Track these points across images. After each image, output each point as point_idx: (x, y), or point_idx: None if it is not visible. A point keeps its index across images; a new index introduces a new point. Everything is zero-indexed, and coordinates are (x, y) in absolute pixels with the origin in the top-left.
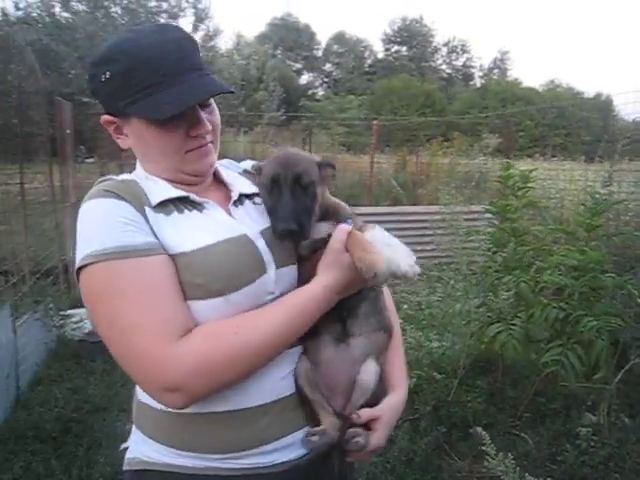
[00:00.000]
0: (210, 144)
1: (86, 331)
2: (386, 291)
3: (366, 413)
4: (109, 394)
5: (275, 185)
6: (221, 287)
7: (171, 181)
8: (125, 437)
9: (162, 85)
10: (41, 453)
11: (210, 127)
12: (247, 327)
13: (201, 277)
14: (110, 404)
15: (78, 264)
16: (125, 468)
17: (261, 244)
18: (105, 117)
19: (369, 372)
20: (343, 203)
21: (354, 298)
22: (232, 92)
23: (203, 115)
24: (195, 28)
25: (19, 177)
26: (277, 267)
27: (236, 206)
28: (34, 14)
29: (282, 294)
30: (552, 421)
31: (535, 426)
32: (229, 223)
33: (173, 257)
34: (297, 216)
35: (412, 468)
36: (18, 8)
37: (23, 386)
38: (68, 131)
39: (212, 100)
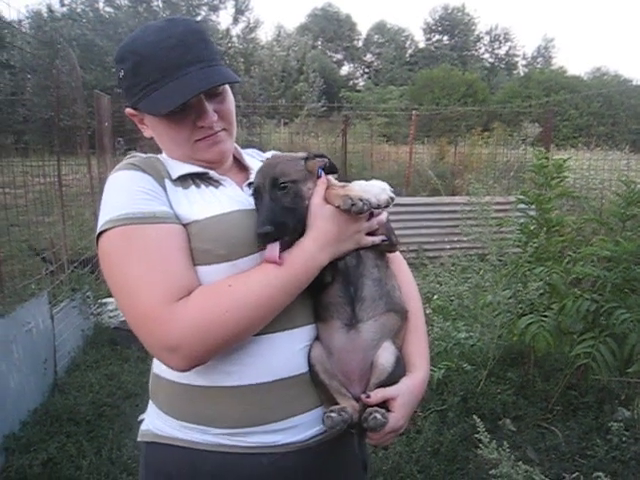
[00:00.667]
0: (222, 132)
1: (122, 319)
2: (406, 273)
3: (378, 394)
4: (142, 381)
5: (257, 194)
6: (227, 253)
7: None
8: (137, 425)
9: (162, 81)
10: (75, 435)
11: (215, 117)
12: (240, 281)
13: (209, 243)
14: (142, 390)
15: (99, 229)
16: (139, 439)
17: None
18: (128, 110)
19: (387, 354)
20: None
21: (356, 270)
22: (236, 82)
23: (211, 105)
24: (235, 20)
25: (58, 169)
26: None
27: (250, 187)
28: (78, 10)
29: None
30: (584, 415)
31: (566, 420)
32: (242, 197)
33: (186, 226)
34: (273, 217)
35: (438, 459)
36: (63, 4)
37: (60, 371)
38: (106, 124)
39: (224, 88)
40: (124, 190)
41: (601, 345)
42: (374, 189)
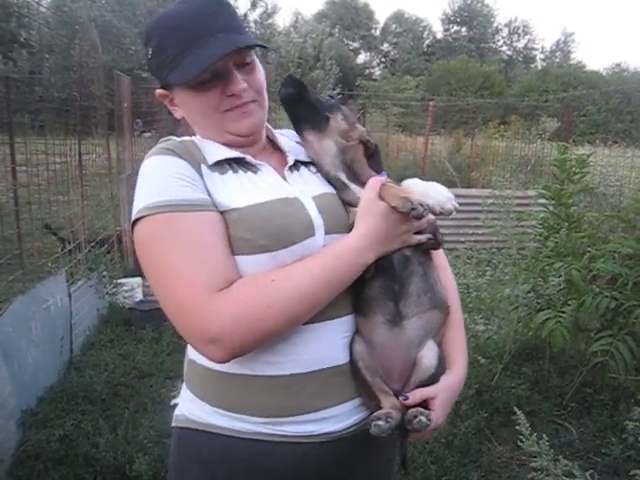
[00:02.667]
0: (252, 104)
1: (137, 299)
2: (445, 264)
3: (417, 394)
4: (156, 361)
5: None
6: (267, 243)
7: (222, 144)
8: (170, 403)
9: (188, 50)
10: (90, 413)
11: (244, 85)
12: (284, 276)
13: (249, 232)
14: (157, 371)
15: (134, 216)
16: (172, 424)
17: (312, 208)
18: (159, 91)
19: (431, 355)
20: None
21: (404, 270)
22: (262, 46)
23: (240, 75)
24: (253, 5)
25: (78, 149)
26: (327, 232)
27: (291, 171)
28: None
29: None
30: (598, 413)
31: (580, 417)
32: (282, 185)
33: (224, 213)
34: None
35: (451, 451)
36: None
37: (76, 349)
38: (126, 105)
39: (253, 58)
40: (160, 176)
41: (619, 343)
42: (438, 196)
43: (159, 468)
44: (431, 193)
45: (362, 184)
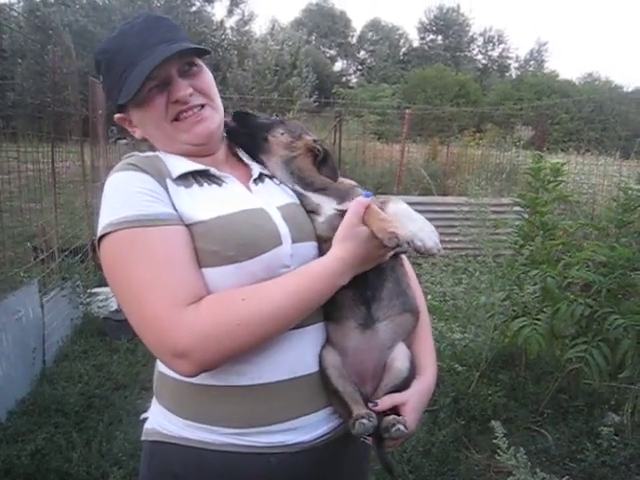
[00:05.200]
0: (204, 110)
1: (112, 309)
2: (410, 271)
3: (386, 401)
4: (131, 372)
5: None
6: (234, 254)
7: (184, 156)
8: (140, 423)
9: (131, 67)
10: (63, 426)
11: (188, 90)
12: (255, 295)
13: (216, 244)
14: (132, 382)
15: (100, 232)
16: (143, 438)
17: (277, 217)
18: (117, 115)
19: (402, 358)
20: (351, 181)
21: (377, 279)
22: (201, 50)
23: (186, 82)
24: (230, 12)
25: (51, 156)
26: (294, 241)
27: (256, 184)
28: None
29: None
30: (574, 419)
31: (556, 423)
32: (247, 197)
33: (190, 226)
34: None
35: (429, 459)
36: None
37: (49, 361)
38: (100, 112)
39: (200, 64)
40: (124, 192)
41: (594, 350)
42: (426, 240)
43: None
44: (419, 234)
45: (317, 190)
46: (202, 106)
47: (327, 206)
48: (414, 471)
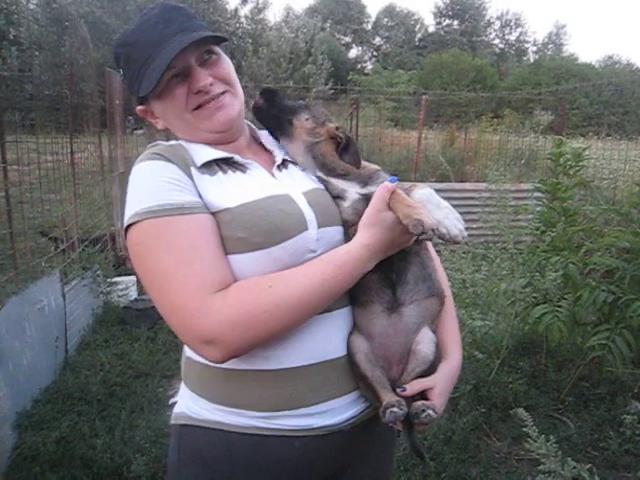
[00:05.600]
0: (224, 96)
1: (131, 298)
2: (435, 256)
3: (415, 386)
4: (152, 360)
5: None
6: (262, 240)
7: (207, 144)
8: (167, 402)
9: (150, 59)
10: (86, 414)
11: (209, 79)
12: (282, 282)
13: (243, 231)
14: (153, 370)
15: (127, 222)
16: (171, 422)
17: (303, 203)
18: (139, 108)
19: (427, 342)
20: (375, 166)
21: (402, 262)
22: (219, 37)
23: (206, 71)
24: (244, 0)
25: (69, 147)
26: (319, 226)
27: (280, 170)
28: None
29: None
30: (596, 407)
31: (578, 411)
32: (272, 183)
33: (216, 214)
34: None
35: (450, 447)
36: None
37: (71, 349)
38: (117, 102)
39: (219, 52)
40: (150, 181)
41: (617, 337)
42: (451, 227)
43: (157, 469)
44: (445, 222)
45: (339, 176)
46: (222, 93)
47: (351, 190)
48: (435, 458)
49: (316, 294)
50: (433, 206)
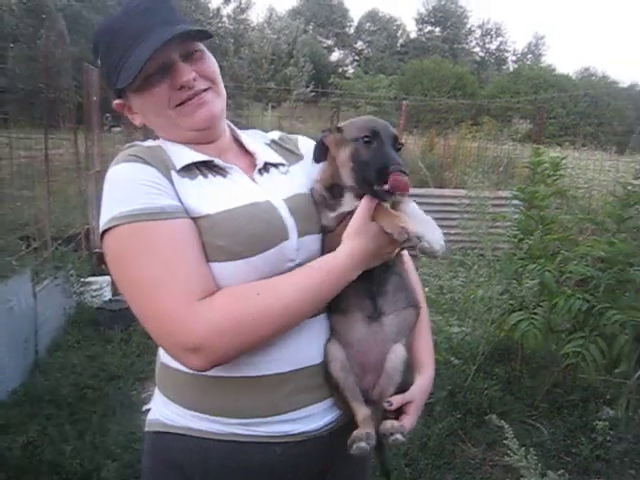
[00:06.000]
0: (206, 93)
1: (105, 299)
2: (411, 266)
3: (398, 399)
4: (125, 363)
5: (376, 137)
6: (242, 249)
7: (187, 144)
8: (140, 406)
9: (130, 49)
10: (56, 418)
11: (192, 74)
12: (269, 290)
13: (223, 239)
14: (126, 373)
15: (103, 227)
16: (146, 429)
17: (284, 211)
18: (116, 102)
19: (396, 358)
20: None
21: (382, 274)
22: (203, 33)
23: (190, 66)
24: (227, 0)
25: (44, 143)
26: (300, 235)
27: (261, 174)
28: None
29: (304, 263)
30: (569, 413)
31: (551, 417)
32: (253, 189)
33: (196, 220)
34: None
35: (425, 452)
36: None
37: (41, 351)
38: (95, 98)
39: (202, 48)
40: (128, 184)
41: (591, 345)
42: (433, 241)
43: (128, 475)
44: (427, 236)
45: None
46: (205, 90)
47: (348, 202)
48: (410, 464)
49: (303, 302)
50: (417, 220)
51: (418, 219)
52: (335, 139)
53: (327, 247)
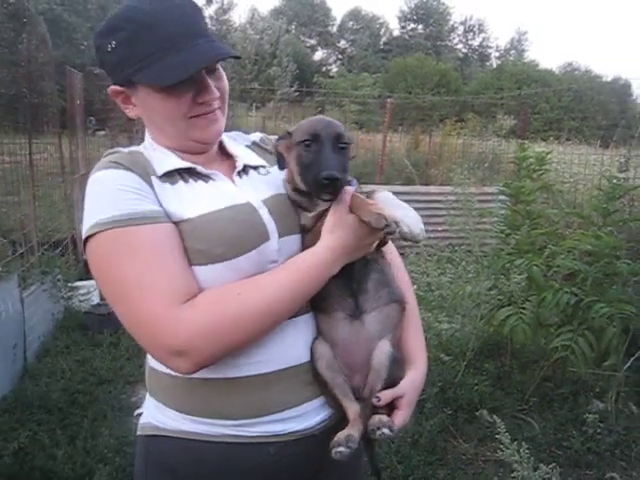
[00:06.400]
0: (218, 111)
1: (93, 303)
2: (399, 262)
3: (387, 395)
4: (115, 367)
5: (316, 140)
6: (222, 252)
7: (178, 150)
8: (131, 409)
9: (169, 51)
10: (47, 423)
11: (217, 94)
12: (250, 289)
13: (203, 242)
14: (116, 377)
15: (86, 234)
16: (138, 433)
17: (264, 212)
18: (113, 87)
19: (381, 354)
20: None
21: (362, 271)
22: (238, 57)
23: (211, 82)
24: (209, 1)
25: (28, 147)
26: (280, 236)
27: (240, 176)
28: None
29: None
30: (559, 406)
31: (542, 411)
32: (233, 192)
33: (177, 224)
34: (339, 167)
35: (417, 449)
36: None
37: (30, 357)
38: (78, 102)
39: (220, 66)
40: (109, 190)
41: (579, 338)
42: (412, 225)
43: (121, 478)
44: (405, 220)
45: None
46: (218, 108)
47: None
48: (402, 461)
49: (284, 299)
50: (393, 206)
51: (394, 205)
52: (286, 144)
53: (307, 246)
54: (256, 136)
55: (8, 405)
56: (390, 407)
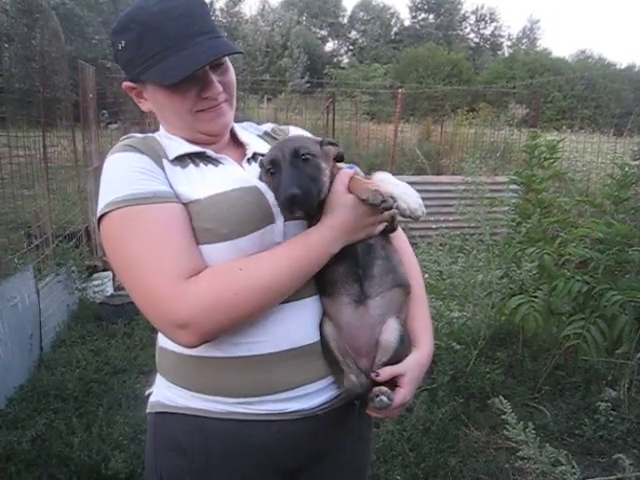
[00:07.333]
0: (224, 104)
1: (107, 294)
2: (408, 248)
3: (387, 371)
4: (129, 356)
5: (275, 165)
6: (228, 231)
7: (188, 140)
8: (145, 398)
9: (170, 50)
10: (63, 411)
11: (220, 89)
12: (252, 264)
13: (210, 222)
14: (130, 366)
15: (99, 212)
16: (147, 411)
17: (271, 196)
18: (126, 83)
19: (390, 331)
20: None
21: (367, 257)
22: (240, 52)
23: (215, 76)
24: None
25: (42, 141)
26: (286, 220)
27: (249, 163)
28: None
29: None
30: (571, 395)
31: (554, 399)
32: (241, 175)
33: (187, 205)
34: (299, 182)
35: (429, 437)
36: None
37: (46, 347)
38: (91, 95)
39: (226, 59)
40: (122, 172)
41: (591, 326)
42: (410, 200)
43: (135, 465)
44: (403, 196)
45: None
46: (224, 101)
47: None
48: (414, 449)
49: (285, 276)
50: (390, 184)
51: (392, 183)
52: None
53: None
54: (268, 126)
55: (25, 394)
56: (394, 385)
